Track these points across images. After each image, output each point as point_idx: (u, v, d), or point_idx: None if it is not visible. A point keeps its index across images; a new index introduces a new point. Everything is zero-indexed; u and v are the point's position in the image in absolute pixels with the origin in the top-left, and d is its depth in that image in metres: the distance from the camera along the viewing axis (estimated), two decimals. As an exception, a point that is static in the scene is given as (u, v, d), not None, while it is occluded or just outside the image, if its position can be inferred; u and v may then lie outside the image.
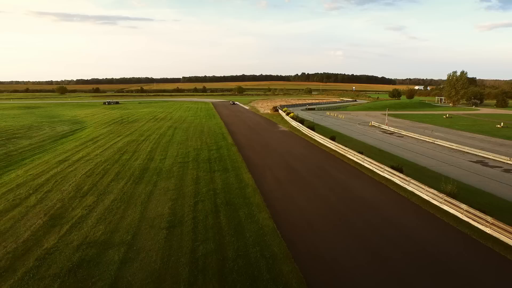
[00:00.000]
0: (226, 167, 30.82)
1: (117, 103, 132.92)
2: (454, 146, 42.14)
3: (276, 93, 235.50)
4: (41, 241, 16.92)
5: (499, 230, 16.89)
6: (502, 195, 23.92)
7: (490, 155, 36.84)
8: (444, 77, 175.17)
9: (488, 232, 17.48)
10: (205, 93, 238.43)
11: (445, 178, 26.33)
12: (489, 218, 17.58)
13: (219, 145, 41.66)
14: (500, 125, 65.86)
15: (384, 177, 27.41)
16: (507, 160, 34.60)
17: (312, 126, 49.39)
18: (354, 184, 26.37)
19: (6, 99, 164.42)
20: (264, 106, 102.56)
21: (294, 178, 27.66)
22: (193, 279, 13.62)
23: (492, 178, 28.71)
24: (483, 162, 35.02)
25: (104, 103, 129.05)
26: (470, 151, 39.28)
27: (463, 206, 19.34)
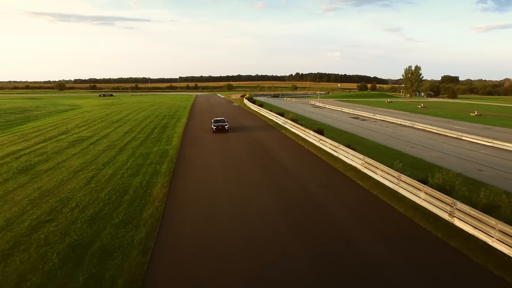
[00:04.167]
0: (174, 117, 46.39)
1: (111, 95, 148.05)
2: (351, 111, 57.69)
3: (263, 90, 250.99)
4: (56, 137, 32.32)
5: (310, 134, 32.29)
6: (339, 127, 39.40)
7: (368, 114, 52.38)
8: (437, 78, 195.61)
9: (303, 136, 32.90)
10: (196, 90, 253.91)
11: (314, 122, 41.67)
12: (308, 130, 33.02)
13: (178, 111, 57.21)
14: (421, 105, 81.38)
15: (271, 119, 42.91)
16: (372, 115, 50.19)
17: (254, 101, 64.88)
18: (248, 122, 41.83)
19: (8, 93, 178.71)
20: (237, 96, 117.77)
21: (214, 121, 43.15)
22: (129, 141, 29.10)
23: (347, 122, 44.17)
24: (357, 117, 50.47)
25: (100, 95, 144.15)
26: (357, 114, 54.80)
27: (291, 122, 34.83)
